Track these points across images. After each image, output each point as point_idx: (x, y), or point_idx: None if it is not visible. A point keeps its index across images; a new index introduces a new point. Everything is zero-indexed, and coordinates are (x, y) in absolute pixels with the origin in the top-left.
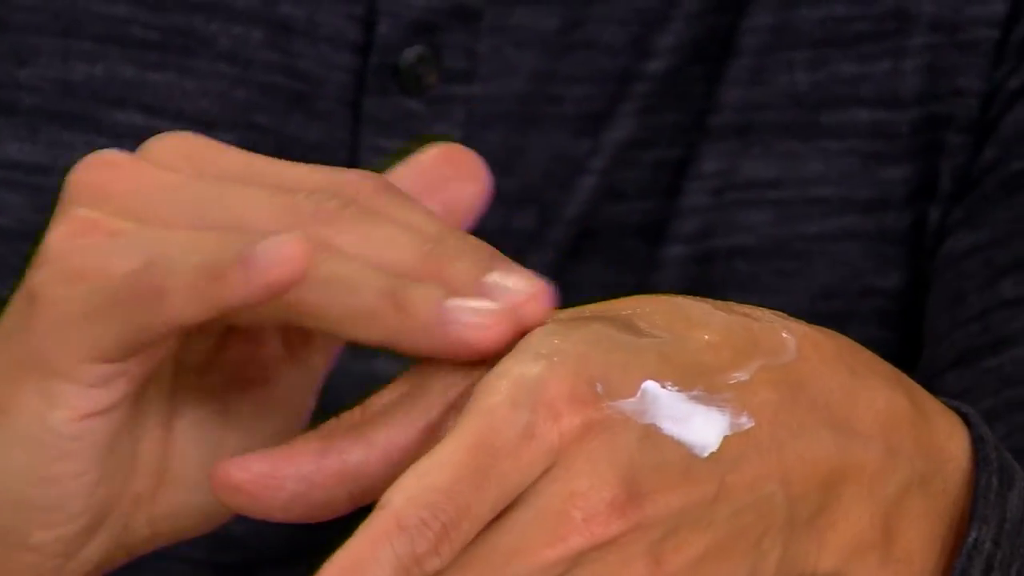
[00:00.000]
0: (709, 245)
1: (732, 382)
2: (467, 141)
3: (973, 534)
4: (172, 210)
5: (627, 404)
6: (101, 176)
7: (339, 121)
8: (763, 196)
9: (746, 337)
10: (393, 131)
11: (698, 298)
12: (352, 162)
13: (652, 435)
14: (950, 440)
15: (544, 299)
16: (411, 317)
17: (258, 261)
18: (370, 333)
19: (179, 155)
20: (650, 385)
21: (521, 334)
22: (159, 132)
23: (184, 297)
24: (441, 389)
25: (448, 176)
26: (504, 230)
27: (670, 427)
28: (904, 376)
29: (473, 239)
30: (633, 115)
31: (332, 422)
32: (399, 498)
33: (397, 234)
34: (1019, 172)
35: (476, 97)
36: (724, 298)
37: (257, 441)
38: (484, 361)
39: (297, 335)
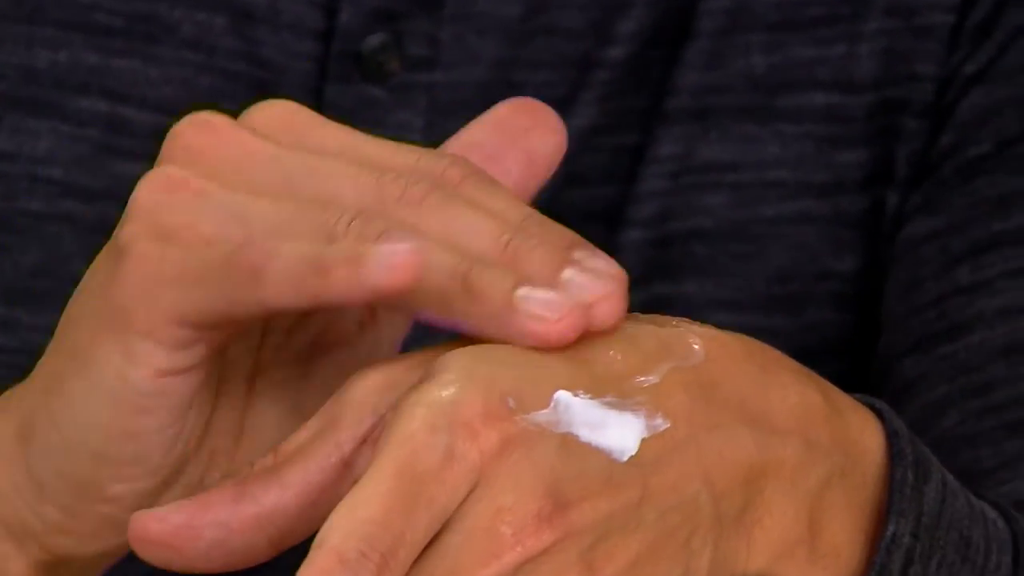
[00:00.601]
0: (667, 229)
1: (643, 385)
2: (429, 129)
3: (891, 528)
4: (261, 178)
5: (541, 415)
6: (197, 138)
7: None
8: (720, 179)
9: (654, 342)
10: (355, 118)
11: None
12: None
13: (570, 444)
14: (864, 434)
15: (617, 298)
16: (479, 302)
17: (369, 265)
18: (440, 313)
19: (279, 124)
20: (562, 395)
21: (591, 329)
22: (123, 119)
23: (283, 283)
24: (352, 423)
25: (527, 127)
26: None
27: (587, 434)
28: (814, 373)
29: (556, 227)
30: (594, 102)
31: (246, 468)
32: (336, 534)
33: (479, 221)
34: (976, 158)
35: (438, 84)
36: (682, 282)
37: None
38: (391, 392)
39: None
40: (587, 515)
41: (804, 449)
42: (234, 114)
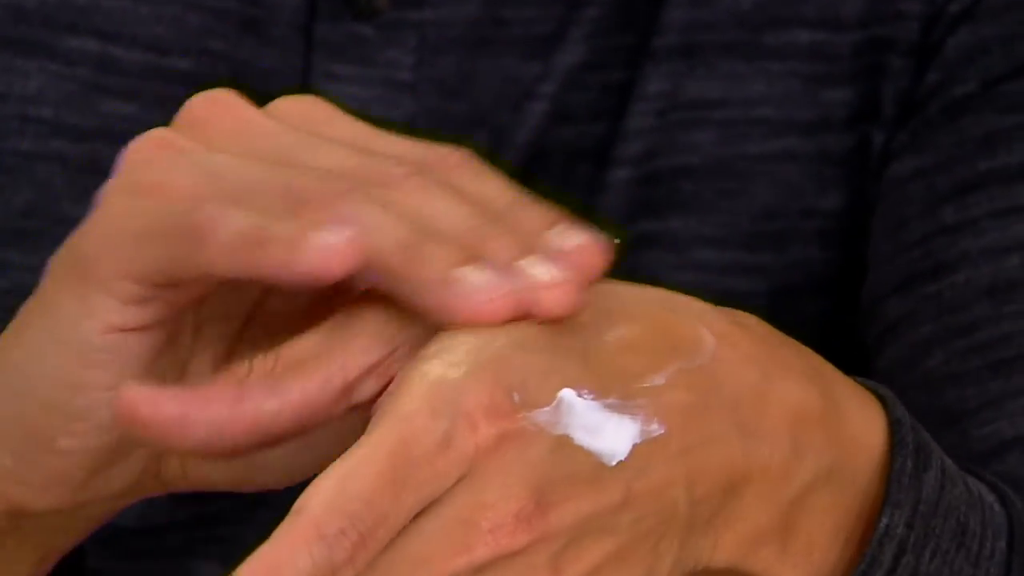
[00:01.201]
0: (653, 166)
1: (647, 386)
2: (419, 67)
3: (884, 520)
4: (252, 146)
5: (542, 415)
6: (205, 109)
7: (291, 46)
8: (706, 117)
9: (665, 337)
10: (345, 56)
11: (624, 283)
12: (304, 87)
13: (564, 446)
14: (865, 430)
15: (567, 289)
16: (417, 272)
17: (306, 249)
18: (382, 282)
19: (297, 114)
20: (567, 394)
21: (539, 315)
22: (113, 58)
23: (222, 250)
24: (362, 350)
25: None
26: None
27: (582, 437)
28: (823, 366)
29: (539, 212)
30: (582, 39)
31: (244, 367)
32: (318, 505)
33: (453, 205)
34: (962, 97)
35: (428, 22)
36: (668, 219)
37: None
38: (410, 326)
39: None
40: (566, 518)
41: (791, 455)
42: (225, 53)
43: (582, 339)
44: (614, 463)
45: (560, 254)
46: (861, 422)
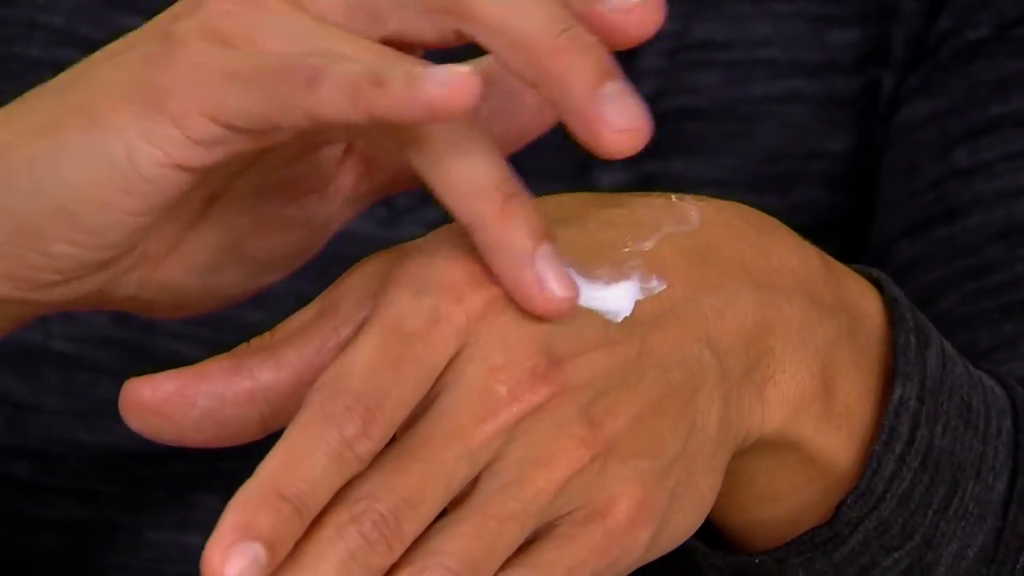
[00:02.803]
0: (661, 107)
1: (636, 250)
2: None
3: (898, 391)
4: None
5: None
6: None
7: None
8: (713, 57)
9: (647, 212)
10: None
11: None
12: None
13: None
14: (863, 299)
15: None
16: (565, 77)
17: (428, 81)
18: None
19: None
20: None
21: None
22: None
23: (338, 92)
24: (351, 306)
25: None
26: None
27: (580, 298)
28: (811, 245)
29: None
30: None
31: (243, 345)
32: (321, 392)
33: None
34: (975, 41)
35: None
36: (673, 161)
37: (263, 256)
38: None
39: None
40: (582, 370)
41: (810, 307)
42: None
43: (560, 222)
44: (620, 319)
45: None
46: (858, 292)
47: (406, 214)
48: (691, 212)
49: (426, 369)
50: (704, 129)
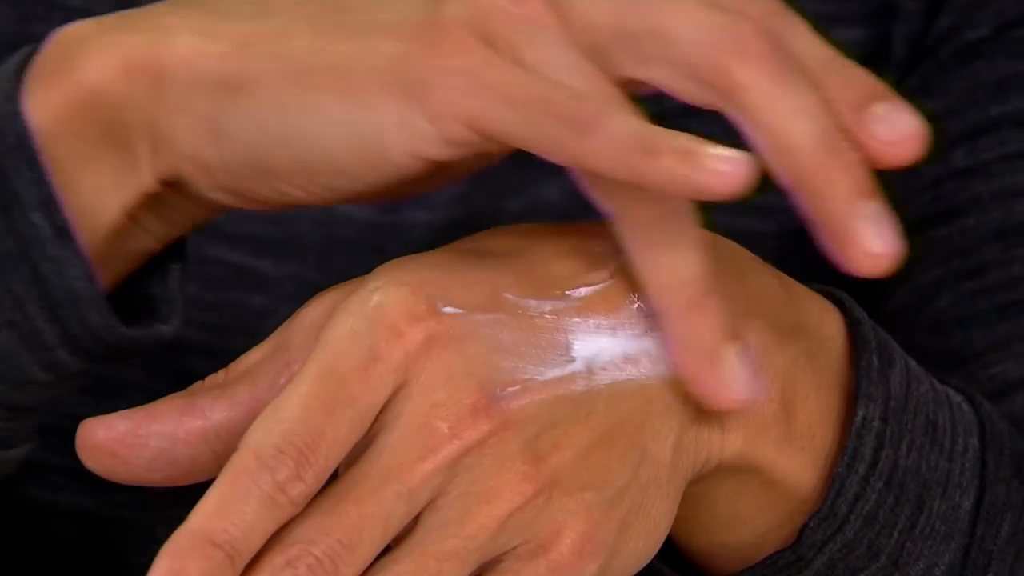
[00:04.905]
0: (664, 105)
1: (587, 284)
2: None
3: (860, 412)
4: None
5: (470, 316)
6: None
7: None
8: None
9: (599, 242)
10: None
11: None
12: None
13: (505, 343)
14: (823, 320)
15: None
16: (829, 194)
17: (701, 162)
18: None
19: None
20: (496, 296)
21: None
22: None
23: (608, 148)
24: (302, 343)
25: None
26: None
27: (523, 337)
28: (769, 265)
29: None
30: None
31: (197, 383)
32: (254, 435)
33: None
34: (975, 41)
35: None
36: None
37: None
38: None
39: None
40: (527, 405)
41: (768, 331)
42: None
43: (505, 258)
44: (590, 364)
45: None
46: (819, 315)
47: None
48: None
49: (362, 409)
50: (707, 125)
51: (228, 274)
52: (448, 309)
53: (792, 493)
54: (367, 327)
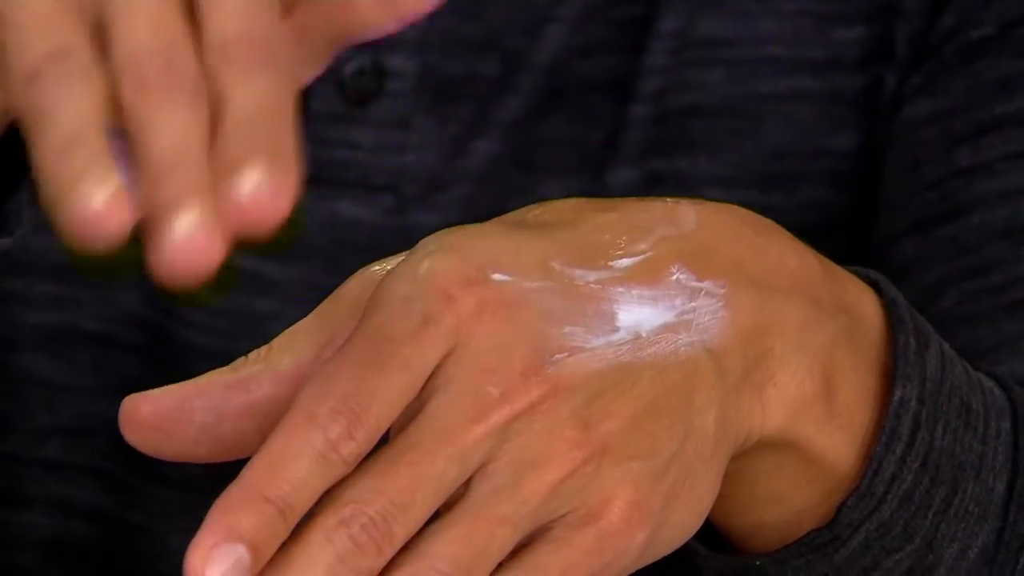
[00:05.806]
0: (666, 105)
1: (631, 254)
2: None
3: (898, 392)
4: None
5: (521, 283)
6: None
7: None
8: (717, 55)
9: (642, 215)
10: None
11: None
12: None
13: (553, 311)
14: (861, 300)
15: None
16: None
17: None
18: None
19: None
20: (544, 265)
21: None
22: None
23: None
24: (346, 315)
25: None
26: (469, 76)
27: (569, 305)
28: (805, 243)
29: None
30: None
31: (240, 359)
32: (307, 397)
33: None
34: (978, 40)
35: None
36: (678, 159)
37: None
38: None
39: None
40: (577, 371)
41: (808, 307)
42: None
43: (550, 228)
44: (647, 331)
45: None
46: (856, 294)
47: (413, 202)
48: (687, 215)
49: (413, 372)
50: (710, 127)
51: None
52: (498, 276)
53: (831, 471)
54: (419, 291)
